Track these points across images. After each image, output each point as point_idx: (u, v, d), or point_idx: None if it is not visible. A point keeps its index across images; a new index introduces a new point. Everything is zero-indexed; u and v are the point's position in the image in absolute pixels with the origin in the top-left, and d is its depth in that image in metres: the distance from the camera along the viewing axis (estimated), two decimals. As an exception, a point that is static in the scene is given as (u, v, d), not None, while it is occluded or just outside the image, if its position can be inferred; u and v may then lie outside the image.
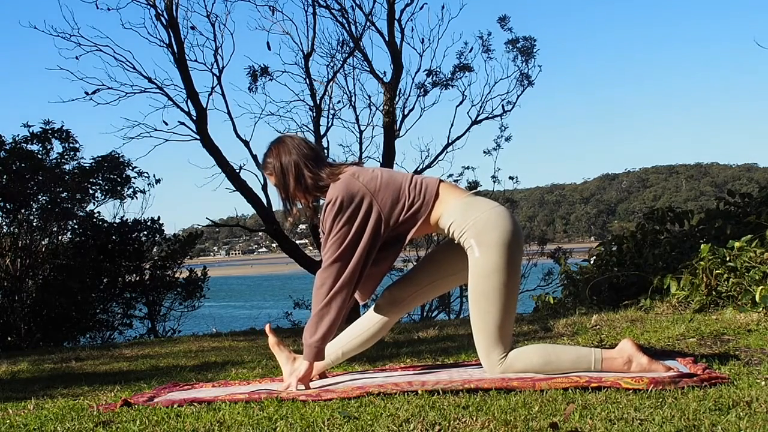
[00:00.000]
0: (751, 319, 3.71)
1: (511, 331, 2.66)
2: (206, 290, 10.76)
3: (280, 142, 2.84)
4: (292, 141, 2.82)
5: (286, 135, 2.89)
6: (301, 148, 2.79)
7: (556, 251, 12.56)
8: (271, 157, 2.82)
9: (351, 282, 2.68)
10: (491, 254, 2.58)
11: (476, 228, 2.61)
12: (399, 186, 2.72)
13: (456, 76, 11.80)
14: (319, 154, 2.83)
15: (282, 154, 2.79)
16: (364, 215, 2.67)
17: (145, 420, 2.29)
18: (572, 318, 4.49)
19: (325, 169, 2.76)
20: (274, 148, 2.83)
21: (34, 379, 3.95)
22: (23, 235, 9.14)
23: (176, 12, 9.87)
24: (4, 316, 8.82)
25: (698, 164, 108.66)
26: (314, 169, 2.76)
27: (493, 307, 2.59)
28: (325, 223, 2.69)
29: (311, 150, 2.81)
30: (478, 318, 2.61)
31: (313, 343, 2.70)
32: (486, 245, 2.59)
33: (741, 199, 5.88)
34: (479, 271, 2.60)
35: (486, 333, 2.60)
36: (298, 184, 2.78)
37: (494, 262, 2.58)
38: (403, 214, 2.70)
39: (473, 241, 2.61)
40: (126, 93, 10.16)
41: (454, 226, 2.66)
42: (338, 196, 2.66)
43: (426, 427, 1.99)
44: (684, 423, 1.90)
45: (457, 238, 2.67)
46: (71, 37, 9.72)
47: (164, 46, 9.95)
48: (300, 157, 2.77)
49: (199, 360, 4.21)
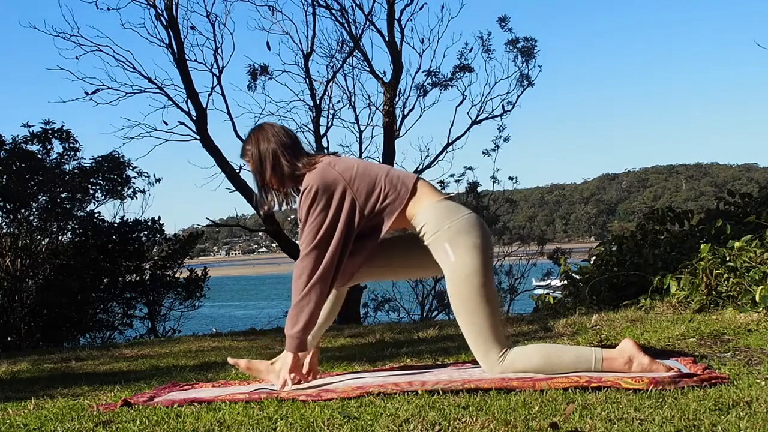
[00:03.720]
0: (751, 319, 3.71)
1: (502, 329, 2.67)
2: (206, 290, 10.76)
3: (260, 129, 2.85)
4: (271, 128, 2.83)
5: (266, 123, 2.90)
6: (280, 136, 2.80)
7: (555, 252, 12.55)
8: (250, 144, 2.83)
9: (330, 271, 2.67)
10: (466, 257, 2.61)
11: (450, 232, 2.64)
12: (375, 177, 2.73)
13: (456, 76, 11.81)
14: (298, 143, 2.84)
15: (261, 141, 2.80)
16: (338, 203, 2.67)
17: (145, 420, 2.29)
18: (572, 318, 4.49)
19: (302, 159, 2.77)
20: (254, 135, 2.84)
21: (34, 379, 3.95)
22: (23, 235, 9.14)
23: (176, 12, 9.88)
24: (4, 316, 8.82)
25: (698, 164, 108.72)
26: (291, 158, 2.77)
27: (479, 308, 2.60)
28: (301, 211, 2.70)
29: (290, 138, 2.82)
30: (469, 322, 2.62)
31: (295, 334, 2.69)
32: (460, 249, 2.62)
33: (741, 199, 5.87)
34: (457, 275, 2.62)
35: (479, 336, 2.61)
36: (274, 172, 2.79)
37: (470, 265, 2.61)
38: (378, 204, 2.70)
39: (447, 245, 2.63)
40: (126, 93, 10.18)
41: (427, 228, 2.68)
42: (313, 185, 2.67)
43: (426, 427, 1.99)
44: (684, 423, 1.90)
45: (428, 239, 2.68)
46: (71, 37, 9.75)
47: (164, 46, 9.97)
48: (278, 145, 2.78)
49: (199, 360, 4.21)
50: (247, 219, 22.98)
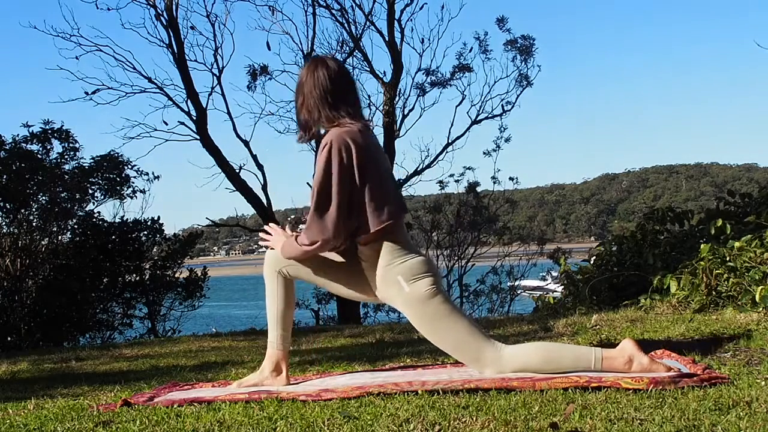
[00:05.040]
0: (751, 319, 3.71)
1: (482, 330, 2.70)
2: (206, 290, 10.76)
3: (315, 63, 2.81)
4: (324, 68, 2.77)
5: (326, 59, 2.84)
6: (326, 78, 2.74)
7: (555, 251, 12.56)
8: (304, 71, 2.83)
9: (339, 227, 2.66)
10: (419, 285, 2.68)
11: (404, 267, 2.68)
12: (378, 184, 2.68)
13: (455, 76, 11.82)
14: (340, 93, 2.75)
15: (308, 74, 2.78)
16: (348, 167, 2.64)
17: (145, 420, 2.29)
18: (572, 318, 4.49)
19: (333, 111, 2.72)
20: (308, 66, 2.81)
21: (34, 379, 3.95)
22: (23, 235, 9.14)
23: (176, 12, 9.89)
24: (4, 316, 8.82)
25: (698, 164, 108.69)
26: (322, 106, 2.74)
27: (451, 322, 2.66)
28: (317, 164, 2.70)
29: (335, 85, 2.75)
30: (446, 339, 2.67)
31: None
32: (413, 279, 2.67)
33: (741, 199, 5.88)
34: (416, 301, 2.67)
35: (463, 346, 2.65)
36: (303, 108, 2.79)
37: (425, 290, 2.67)
38: (364, 206, 2.67)
39: (400, 278, 2.68)
40: (126, 93, 10.19)
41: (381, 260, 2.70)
42: (332, 142, 2.64)
43: (426, 427, 1.99)
44: (684, 423, 1.90)
45: (379, 269, 2.70)
46: (71, 37, 9.76)
47: (164, 46, 9.97)
48: (317, 87, 2.74)
49: (199, 360, 4.21)
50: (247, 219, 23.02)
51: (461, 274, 12.49)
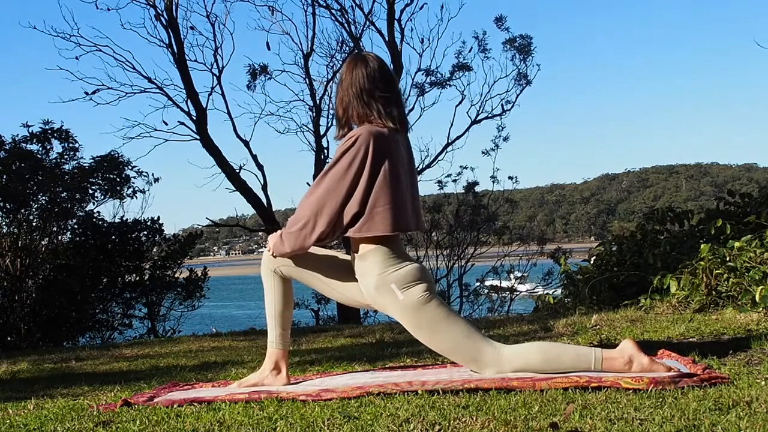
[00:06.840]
0: (751, 319, 3.71)
1: (479, 331, 2.70)
2: (206, 290, 10.76)
3: (355, 60, 2.82)
4: (363, 66, 2.78)
5: (366, 56, 2.84)
6: (364, 77, 2.75)
7: (556, 251, 12.56)
8: (344, 67, 2.85)
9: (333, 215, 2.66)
10: (413, 292, 2.67)
11: (397, 275, 2.68)
12: (391, 190, 2.68)
13: (455, 75, 11.82)
14: (375, 92, 2.74)
15: (347, 71, 2.80)
16: (360, 164, 2.65)
17: (145, 420, 2.29)
18: (572, 318, 4.49)
19: (366, 109, 2.74)
20: (348, 63, 2.83)
21: (34, 379, 3.95)
22: (23, 235, 9.14)
23: (176, 12, 9.90)
24: (4, 316, 8.82)
25: (698, 164, 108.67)
26: (357, 103, 2.75)
27: (447, 326, 2.66)
28: (336, 153, 2.72)
29: (372, 83, 2.75)
30: (444, 343, 2.67)
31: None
32: (406, 287, 2.67)
33: (741, 199, 5.88)
34: (410, 308, 2.67)
35: (462, 349, 2.65)
36: (340, 104, 2.81)
37: (418, 297, 2.67)
38: (364, 210, 2.67)
39: (394, 286, 2.68)
40: (126, 93, 10.20)
41: (375, 268, 2.69)
42: (355, 136, 2.66)
43: (426, 427, 1.99)
44: (684, 423, 1.90)
45: (373, 277, 2.70)
46: (71, 37, 9.78)
47: (164, 46, 9.98)
48: (354, 86, 2.75)
49: (199, 360, 4.21)
50: (247, 219, 22.98)
51: (461, 274, 12.48)
